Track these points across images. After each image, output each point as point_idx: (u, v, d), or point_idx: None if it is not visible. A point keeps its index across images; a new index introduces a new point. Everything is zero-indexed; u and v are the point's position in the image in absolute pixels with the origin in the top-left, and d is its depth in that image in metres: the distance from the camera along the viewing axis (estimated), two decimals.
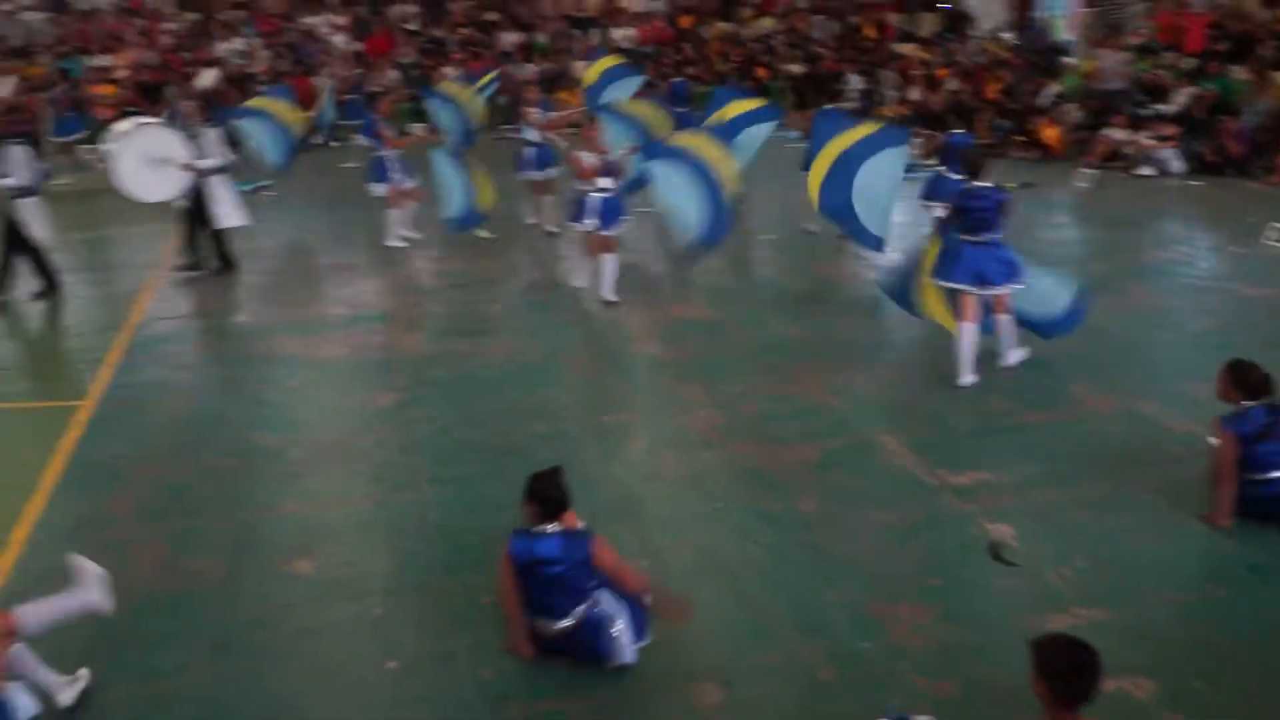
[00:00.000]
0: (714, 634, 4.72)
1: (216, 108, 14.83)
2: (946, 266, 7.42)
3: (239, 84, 20.14)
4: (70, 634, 4.42)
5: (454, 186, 10.68)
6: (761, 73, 21.82)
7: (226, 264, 11.22)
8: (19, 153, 10.34)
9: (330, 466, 6.60)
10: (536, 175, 12.42)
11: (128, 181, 10.85)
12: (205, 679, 4.52)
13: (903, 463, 6.34)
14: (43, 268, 10.48)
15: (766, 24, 24.07)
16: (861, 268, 10.54)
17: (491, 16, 23.78)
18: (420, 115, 20.62)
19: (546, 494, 4.42)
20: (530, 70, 21.65)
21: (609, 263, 9.64)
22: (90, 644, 4.65)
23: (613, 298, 9.63)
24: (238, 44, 21.93)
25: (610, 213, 9.55)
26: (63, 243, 11.20)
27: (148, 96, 18.53)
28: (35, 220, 10.36)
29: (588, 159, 9.51)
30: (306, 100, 13.87)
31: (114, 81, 20.26)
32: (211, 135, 11.04)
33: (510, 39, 22.90)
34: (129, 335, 9.28)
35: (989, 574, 5.15)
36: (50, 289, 10.50)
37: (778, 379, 7.75)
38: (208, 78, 19.69)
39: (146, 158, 10.70)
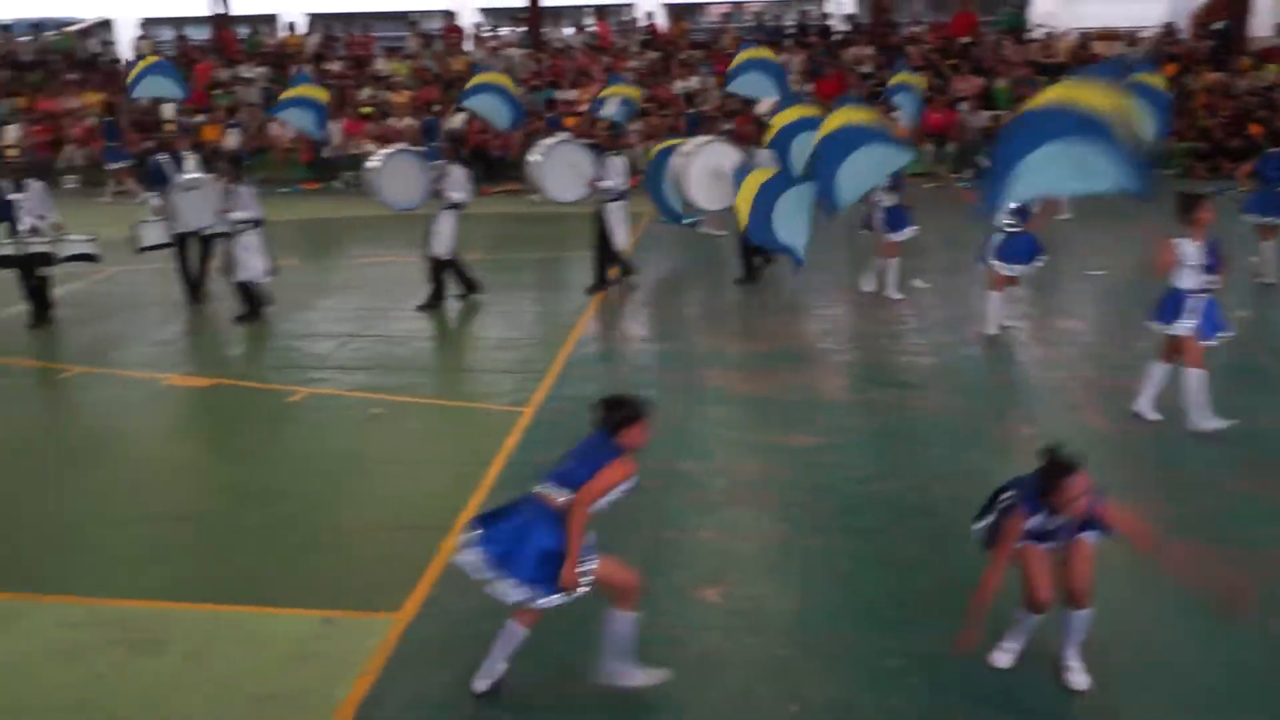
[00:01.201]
0: None
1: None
2: None
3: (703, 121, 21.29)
4: (496, 622, 4.72)
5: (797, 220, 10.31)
6: (1255, 129, 19.70)
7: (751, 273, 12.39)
8: (620, 163, 11.94)
9: (744, 500, 6.66)
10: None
11: (694, 189, 12.18)
12: (613, 684, 4.66)
13: None
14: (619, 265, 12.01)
15: (1270, 73, 21.71)
16: None
17: (951, 61, 23.30)
18: None
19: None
20: (984, 119, 21.00)
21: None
22: None
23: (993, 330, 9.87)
24: (693, 82, 23.13)
25: (1020, 251, 9.70)
26: (518, 262, 12.26)
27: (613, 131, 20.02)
28: (619, 224, 11.95)
29: None
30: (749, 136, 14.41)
31: (578, 114, 22.13)
32: (618, 163, 12.13)
33: (968, 85, 22.33)
34: (568, 351, 9.95)
35: None
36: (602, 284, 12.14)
37: (1254, 473, 6.84)
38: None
39: (710, 172, 12.02)
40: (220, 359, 10.28)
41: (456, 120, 21.16)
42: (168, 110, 19.36)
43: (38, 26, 25.94)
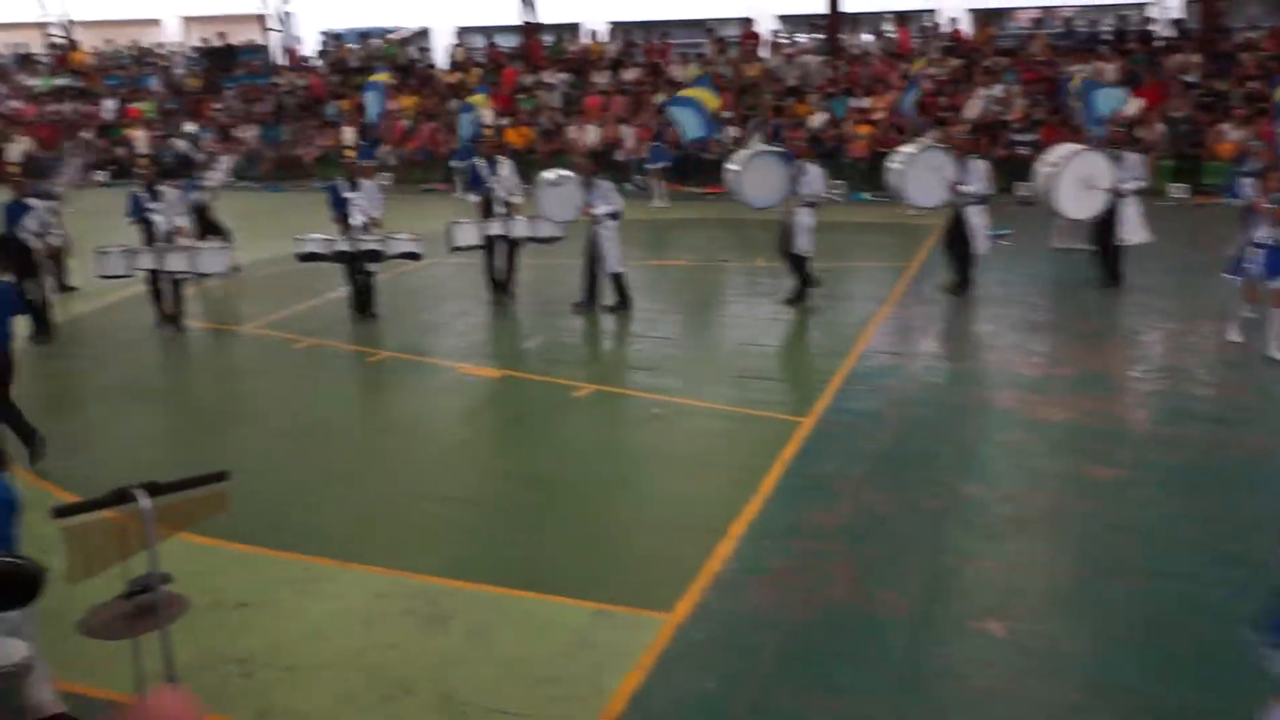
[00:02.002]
0: None
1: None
2: None
3: (990, 130, 20.43)
4: (767, 633, 4.63)
5: None
6: None
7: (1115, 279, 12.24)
8: (982, 166, 11.91)
9: (1034, 531, 6.27)
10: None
11: (1064, 201, 11.99)
12: (885, 710, 4.48)
13: None
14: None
15: None
16: None
17: None
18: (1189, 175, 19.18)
19: None
20: None
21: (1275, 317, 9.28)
22: (782, 641, 4.86)
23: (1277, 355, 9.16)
24: (996, 90, 22.18)
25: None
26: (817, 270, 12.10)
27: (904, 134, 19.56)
28: (980, 229, 11.85)
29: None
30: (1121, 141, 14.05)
31: (871, 123, 21.67)
32: (980, 166, 11.91)
33: None
34: (852, 363, 9.73)
35: None
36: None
37: None
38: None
39: (1080, 181, 11.76)
40: (512, 352, 10.75)
41: (816, 120, 21.36)
42: (486, 116, 20.52)
43: (365, 35, 28.16)
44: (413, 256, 11.83)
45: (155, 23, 33.24)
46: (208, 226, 13.91)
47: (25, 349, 10.00)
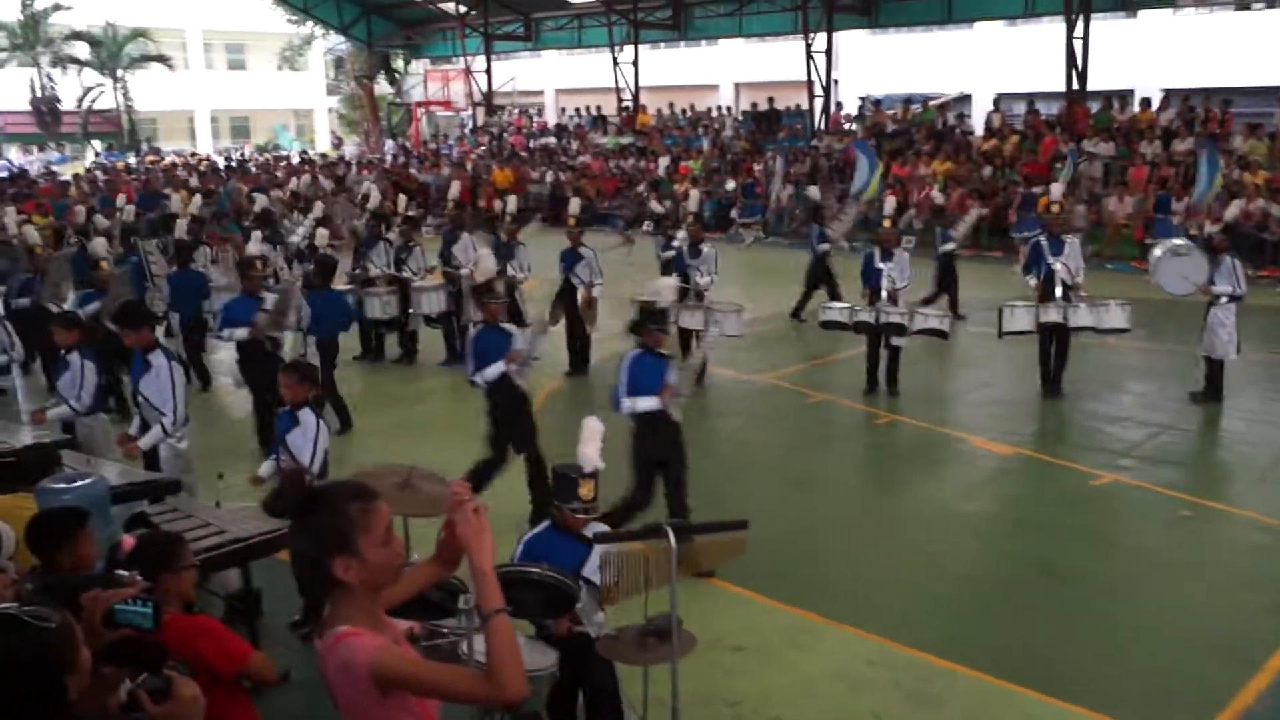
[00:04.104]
0: None
1: None
2: None
3: None
4: None
5: None
6: None
7: None
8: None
9: None
10: None
11: None
12: None
13: None
14: None
15: None
16: None
17: None
18: None
19: None
20: None
21: None
22: None
23: None
24: None
25: None
26: None
27: None
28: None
29: None
30: None
31: None
32: None
33: None
34: None
35: None
36: None
37: None
38: None
39: None
40: (1027, 430, 10.27)
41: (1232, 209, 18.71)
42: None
43: (907, 101, 28.55)
44: (939, 334, 11.27)
45: (713, 88, 36.16)
46: (820, 277, 14.54)
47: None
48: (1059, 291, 10.75)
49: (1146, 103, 24.50)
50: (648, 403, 6.94)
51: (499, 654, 2.45)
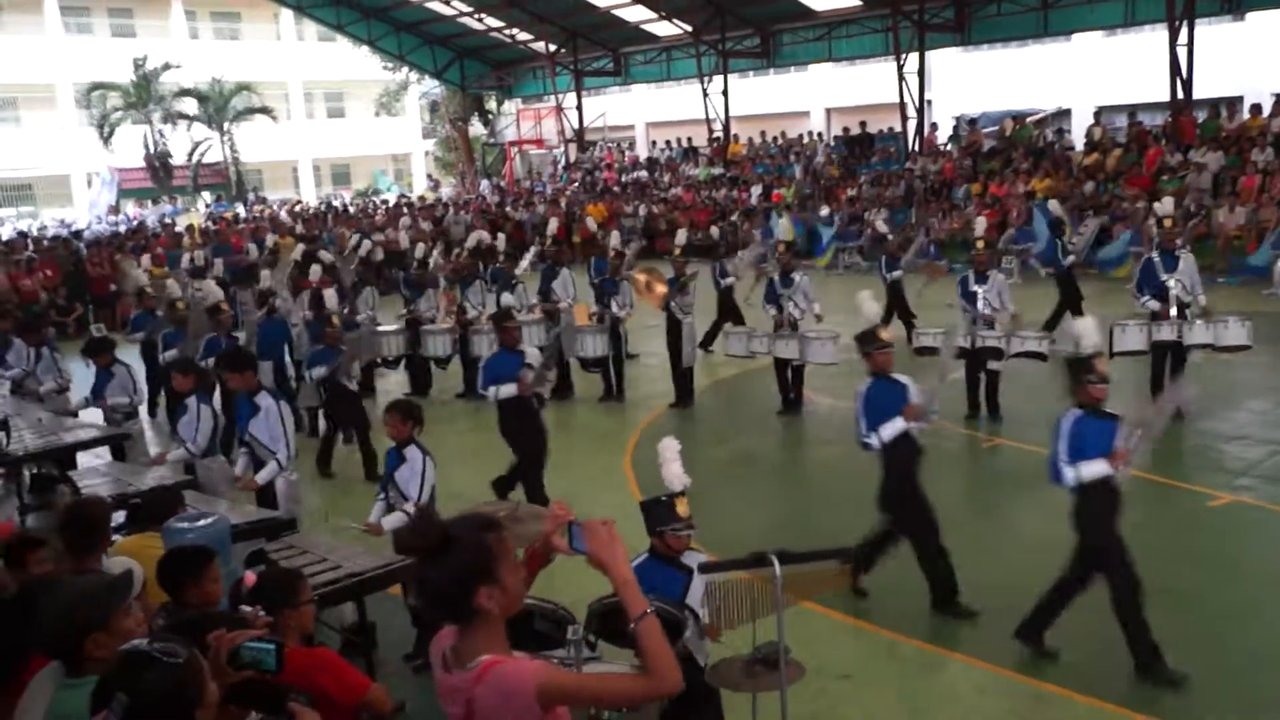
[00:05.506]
0: None
1: None
2: None
3: None
4: None
5: None
6: None
7: None
8: None
9: None
10: None
11: None
12: None
13: None
14: None
15: None
16: None
17: None
18: None
19: None
20: None
21: None
22: None
23: None
24: None
25: None
26: None
27: None
28: None
29: None
30: None
31: None
32: None
33: None
34: None
35: None
36: None
37: None
38: None
39: None
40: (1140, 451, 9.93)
41: None
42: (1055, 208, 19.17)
43: (1014, 118, 28.00)
44: (1038, 357, 10.97)
45: (804, 114, 36.11)
46: (898, 306, 14.24)
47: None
48: (1174, 309, 10.39)
49: (1257, 109, 23.73)
50: (1094, 469, 5.86)
51: (654, 652, 2.56)
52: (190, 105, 38.45)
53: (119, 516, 5.68)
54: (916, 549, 6.73)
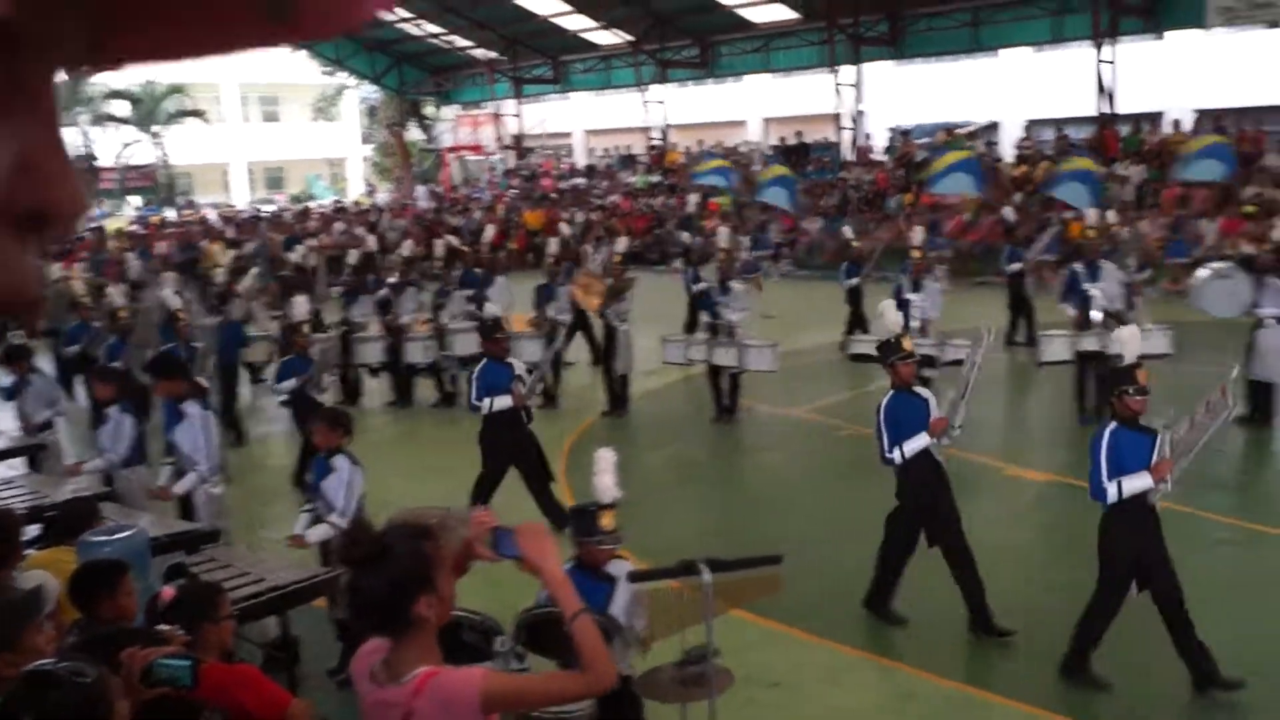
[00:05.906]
0: None
1: None
2: None
3: None
4: None
5: None
6: None
7: None
8: None
9: None
10: None
11: None
12: None
13: None
14: None
15: None
16: None
17: None
18: None
19: None
20: None
21: None
22: None
23: None
24: None
25: None
26: None
27: None
28: None
29: None
30: None
31: None
32: None
33: None
34: None
35: None
36: None
37: None
38: None
39: None
40: (1064, 457, 10.15)
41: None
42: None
43: (946, 130, 28.44)
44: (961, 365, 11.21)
45: (742, 124, 36.33)
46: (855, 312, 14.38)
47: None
48: (1097, 318, 10.59)
49: (1177, 124, 24.37)
50: (1137, 483, 5.72)
51: (590, 649, 2.58)
52: (121, 108, 37.68)
53: (34, 529, 5.53)
54: (881, 553, 6.79)
